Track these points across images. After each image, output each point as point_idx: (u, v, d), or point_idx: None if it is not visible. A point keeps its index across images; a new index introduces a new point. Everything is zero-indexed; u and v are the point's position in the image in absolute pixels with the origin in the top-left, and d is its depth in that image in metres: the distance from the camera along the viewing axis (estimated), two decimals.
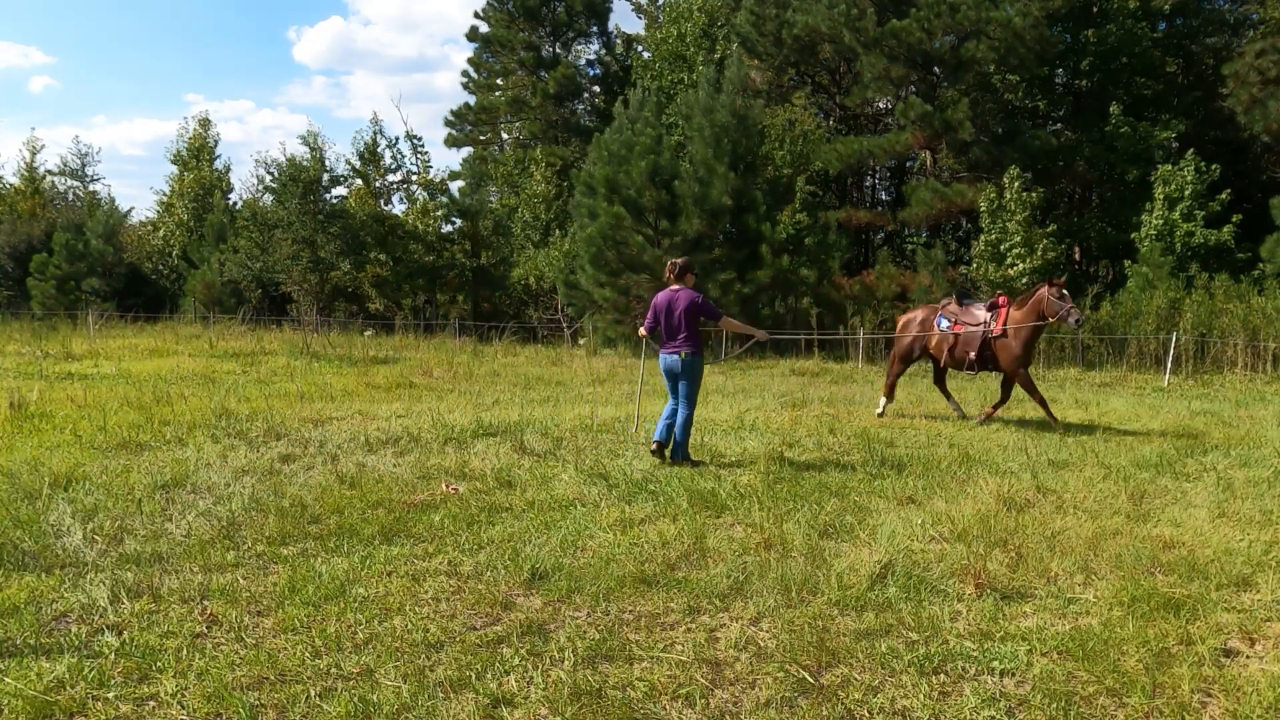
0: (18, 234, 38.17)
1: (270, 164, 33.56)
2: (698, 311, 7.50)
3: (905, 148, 28.19)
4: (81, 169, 47.48)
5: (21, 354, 17.81)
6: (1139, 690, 3.41)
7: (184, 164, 42.12)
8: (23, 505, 5.69)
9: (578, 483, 6.69)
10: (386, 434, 8.62)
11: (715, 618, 4.13)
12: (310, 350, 19.59)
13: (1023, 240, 22.89)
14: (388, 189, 36.64)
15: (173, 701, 3.28)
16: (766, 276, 22.09)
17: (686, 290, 7.57)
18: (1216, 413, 11.60)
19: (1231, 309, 19.45)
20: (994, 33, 24.78)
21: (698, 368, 7.57)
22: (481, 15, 39.32)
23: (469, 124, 40.57)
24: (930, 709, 3.29)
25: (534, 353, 22.37)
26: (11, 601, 4.15)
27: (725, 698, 3.39)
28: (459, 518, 5.69)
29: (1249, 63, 23.19)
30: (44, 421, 9.11)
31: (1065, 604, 4.31)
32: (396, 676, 3.47)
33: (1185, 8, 28.91)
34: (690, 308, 7.48)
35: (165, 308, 34.45)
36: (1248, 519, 5.85)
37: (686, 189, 21.76)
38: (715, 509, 5.98)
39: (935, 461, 7.68)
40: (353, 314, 32.33)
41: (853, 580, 4.53)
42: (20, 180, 45.35)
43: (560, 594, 4.38)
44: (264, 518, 5.61)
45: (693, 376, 7.55)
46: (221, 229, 34.38)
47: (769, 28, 28.58)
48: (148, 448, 7.83)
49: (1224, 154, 25.81)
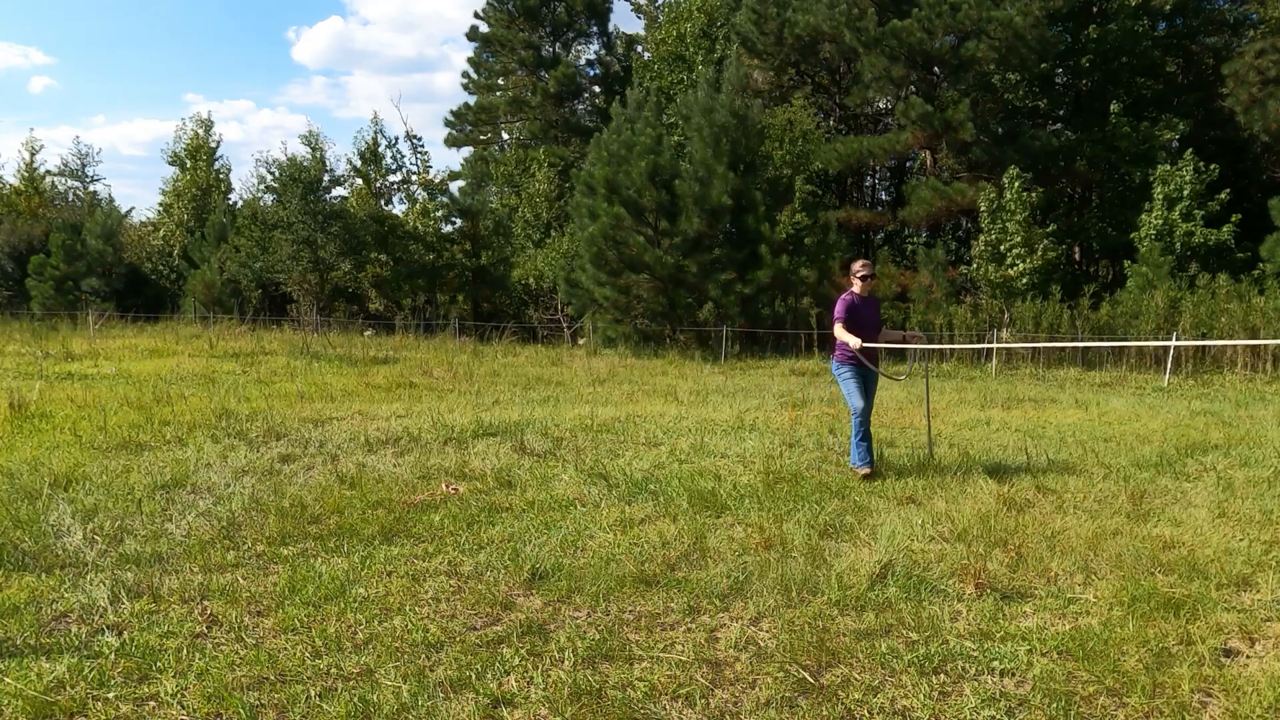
0: (18, 234, 38.17)
1: (271, 164, 33.57)
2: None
3: (905, 147, 28.18)
4: (81, 169, 47.53)
5: (21, 354, 17.81)
6: (1139, 690, 3.41)
7: (182, 165, 42.09)
8: (23, 505, 5.69)
9: (578, 483, 6.69)
10: (386, 434, 8.62)
11: (715, 618, 4.13)
12: (310, 350, 19.60)
13: (1023, 240, 22.88)
14: (388, 189, 36.65)
15: (173, 701, 3.28)
16: (766, 276, 22.09)
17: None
18: (1216, 413, 11.59)
19: (1231, 309, 19.44)
20: (994, 32, 24.77)
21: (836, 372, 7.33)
22: (481, 15, 39.34)
23: (469, 124, 40.57)
24: (930, 709, 3.29)
25: (534, 353, 22.36)
26: (11, 601, 4.15)
27: (725, 698, 3.39)
28: (459, 518, 5.69)
29: (1249, 63, 23.18)
30: (44, 421, 9.11)
31: (1065, 604, 4.31)
32: (396, 676, 3.47)
33: (1185, 8, 28.89)
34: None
35: (165, 308, 34.44)
36: (1248, 519, 5.85)
37: (686, 189, 21.75)
38: (715, 509, 5.98)
39: (935, 461, 7.67)
40: (353, 314, 32.34)
41: (853, 580, 4.53)
42: (20, 180, 45.36)
43: (560, 594, 4.38)
44: (264, 518, 5.61)
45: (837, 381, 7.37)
46: (222, 229, 34.37)
47: (769, 27, 28.57)
48: (148, 448, 7.83)
49: (1224, 154, 25.80)
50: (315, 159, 30.95)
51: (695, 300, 22.47)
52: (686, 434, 9.06)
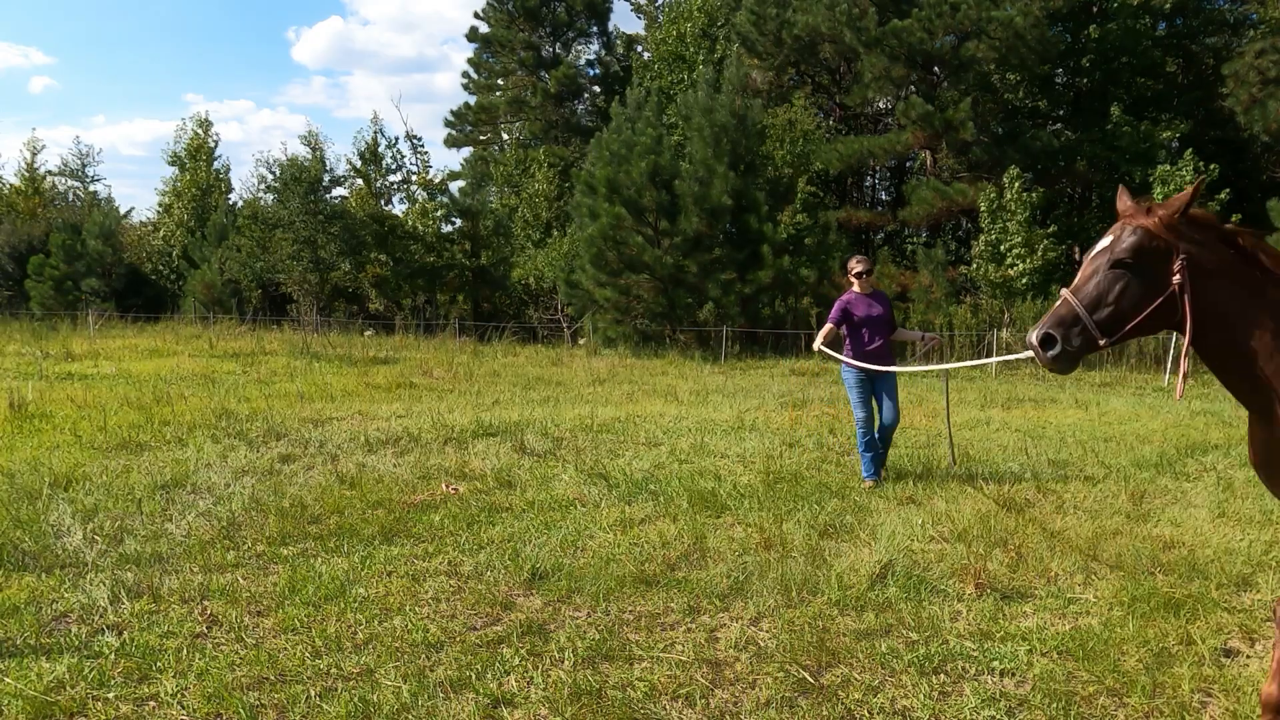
0: (18, 234, 38.15)
1: (271, 164, 33.58)
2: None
3: (905, 148, 28.18)
4: (82, 169, 47.51)
5: (21, 354, 17.81)
6: (1139, 690, 3.41)
7: (181, 166, 42.08)
8: (23, 505, 5.69)
9: (578, 483, 6.69)
10: (386, 434, 8.62)
11: (715, 618, 4.13)
12: (310, 350, 19.59)
13: (1023, 240, 22.88)
14: (388, 189, 36.64)
15: (173, 701, 3.28)
16: (767, 276, 22.09)
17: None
18: (1216, 413, 11.59)
19: None
20: (995, 32, 24.77)
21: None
22: (481, 15, 39.33)
23: (469, 124, 40.56)
24: (930, 709, 3.29)
25: (534, 353, 22.36)
26: (11, 601, 4.15)
27: (725, 698, 3.39)
28: (459, 518, 5.69)
29: (1249, 63, 23.17)
30: (44, 421, 9.11)
31: (1065, 604, 4.31)
32: (396, 676, 3.47)
33: (1185, 8, 28.90)
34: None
35: (166, 308, 34.42)
36: (1248, 519, 5.85)
37: (686, 189, 21.75)
38: (715, 509, 5.98)
39: (935, 461, 7.68)
40: (353, 314, 32.32)
41: (853, 580, 4.53)
42: (20, 180, 45.35)
43: (560, 594, 4.38)
44: (264, 518, 5.61)
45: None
46: (223, 229, 34.36)
47: (769, 27, 28.57)
48: (148, 448, 7.83)
49: (1224, 154, 25.79)
50: (315, 159, 30.94)
51: (695, 300, 22.46)
52: (686, 434, 9.06)
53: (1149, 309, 2.81)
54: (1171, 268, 2.80)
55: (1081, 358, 2.90)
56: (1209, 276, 2.81)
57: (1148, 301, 2.81)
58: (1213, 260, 2.82)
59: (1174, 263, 2.80)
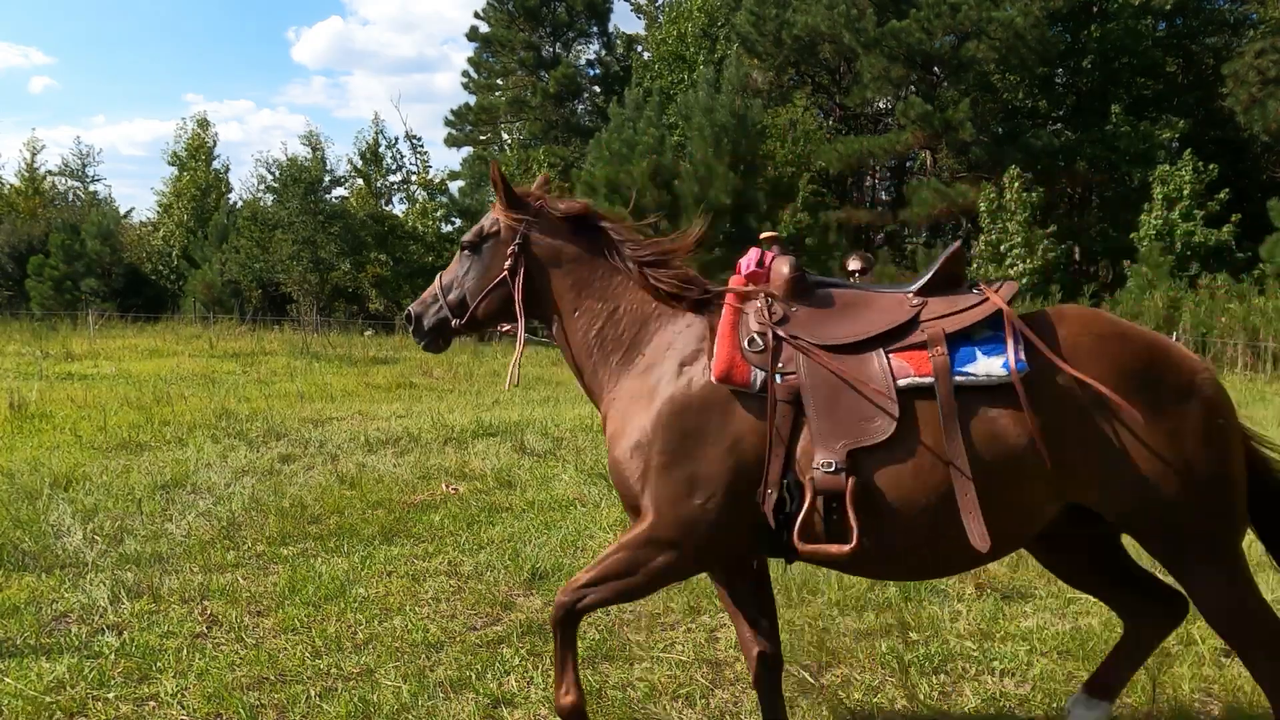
0: (18, 234, 38.13)
1: (272, 164, 33.58)
2: None
3: (905, 148, 28.16)
4: (82, 169, 47.50)
5: (21, 354, 17.80)
6: (1139, 690, 3.40)
7: (181, 165, 42.08)
8: (23, 505, 5.69)
9: (578, 483, 6.68)
10: (386, 434, 8.62)
11: (715, 618, 4.12)
12: (310, 350, 19.59)
13: (1023, 241, 22.88)
14: (388, 189, 36.64)
15: (173, 701, 3.28)
16: None
17: None
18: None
19: (1231, 309, 19.42)
20: (995, 32, 24.76)
21: None
22: (481, 15, 39.31)
23: (469, 124, 40.53)
24: (930, 709, 3.29)
25: (534, 353, 22.35)
26: (11, 601, 4.15)
27: (725, 698, 3.39)
28: (459, 518, 5.69)
29: (1249, 63, 23.18)
30: (44, 421, 9.11)
31: (1065, 604, 4.31)
32: (396, 676, 3.47)
33: (1185, 8, 28.90)
34: None
35: (166, 308, 34.40)
36: None
37: (686, 189, 21.75)
38: None
39: None
40: (353, 314, 32.32)
41: (853, 580, 4.53)
42: (20, 180, 45.33)
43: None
44: (264, 518, 5.61)
45: None
46: (224, 229, 34.36)
47: (769, 28, 28.56)
48: (148, 448, 7.83)
49: (1224, 154, 25.77)
50: (315, 159, 30.95)
51: None
52: None
53: (486, 291, 2.91)
54: (506, 252, 2.88)
55: (444, 338, 3.01)
56: (547, 264, 2.88)
57: (485, 284, 2.91)
58: (552, 248, 2.88)
59: (508, 248, 2.87)
